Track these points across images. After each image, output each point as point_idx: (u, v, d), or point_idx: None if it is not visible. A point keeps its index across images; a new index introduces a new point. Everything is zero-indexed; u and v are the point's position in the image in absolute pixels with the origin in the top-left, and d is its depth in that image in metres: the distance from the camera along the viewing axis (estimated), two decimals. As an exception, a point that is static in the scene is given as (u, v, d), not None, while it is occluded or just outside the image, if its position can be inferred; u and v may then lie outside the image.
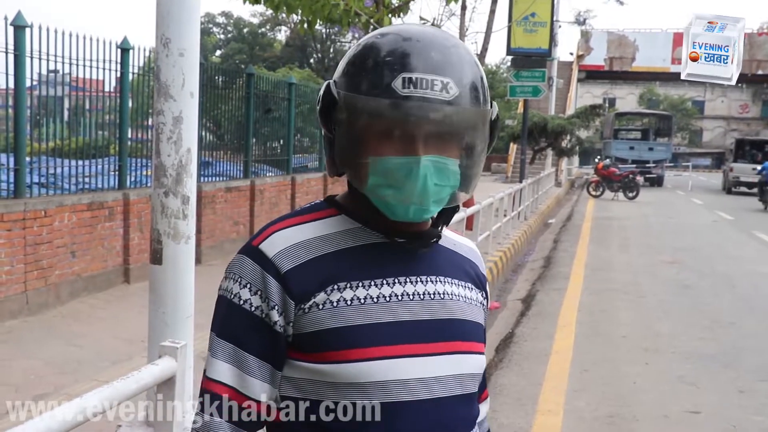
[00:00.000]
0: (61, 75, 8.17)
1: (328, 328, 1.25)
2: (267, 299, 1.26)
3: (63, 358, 5.81)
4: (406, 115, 1.21)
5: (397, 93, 1.21)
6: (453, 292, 1.36)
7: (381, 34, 1.30)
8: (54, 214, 7.19)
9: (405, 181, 1.23)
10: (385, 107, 1.21)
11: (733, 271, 11.78)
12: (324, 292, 1.26)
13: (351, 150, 1.27)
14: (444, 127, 1.23)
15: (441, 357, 1.31)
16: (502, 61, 53.04)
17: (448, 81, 1.23)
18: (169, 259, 3.00)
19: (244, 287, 1.28)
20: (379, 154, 1.24)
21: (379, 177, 1.24)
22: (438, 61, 1.24)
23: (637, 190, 26.73)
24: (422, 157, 1.22)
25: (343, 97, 1.27)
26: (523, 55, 21.85)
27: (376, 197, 1.26)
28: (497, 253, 11.33)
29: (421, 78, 1.22)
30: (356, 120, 1.25)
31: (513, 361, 6.58)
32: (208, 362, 1.31)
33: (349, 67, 1.29)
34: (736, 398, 5.82)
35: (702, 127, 70.01)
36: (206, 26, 59.18)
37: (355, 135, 1.26)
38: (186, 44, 2.95)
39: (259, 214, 11.21)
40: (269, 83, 13.14)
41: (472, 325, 1.39)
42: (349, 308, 1.26)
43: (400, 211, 1.26)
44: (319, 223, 1.33)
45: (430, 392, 1.28)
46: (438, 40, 1.27)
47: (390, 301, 1.28)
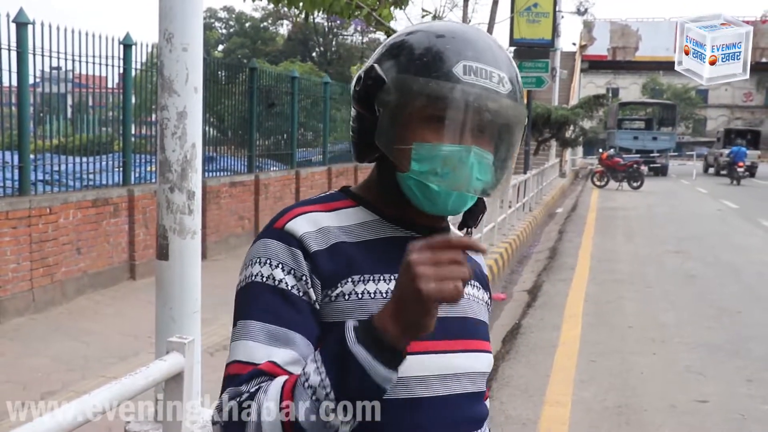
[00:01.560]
0: (64, 72, 8.16)
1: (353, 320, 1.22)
2: (303, 277, 1.21)
3: (70, 355, 5.82)
4: (466, 101, 1.20)
5: (457, 77, 1.20)
6: (467, 290, 1.35)
7: (431, 26, 1.30)
8: (59, 211, 7.20)
9: (453, 170, 1.21)
10: (445, 90, 1.20)
11: (739, 260, 11.75)
12: (351, 282, 1.23)
13: (397, 133, 1.24)
14: (499, 119, 1.23)
15: (457, 354, 1.30)
16: (505, 52, 52.82)
17: (503, 75, 1.24)
18: (175, 254, 2.99)
19: (276, 267, 1.21)
20: (426, 139, 1.22)
21: (425, 163, 1.22)
22: (492, 55, 1.25)
23: (642, 179, 26.67)
24: (473, 147, 1.22)
25: (395, 79, 1.24)
26: (526, 45, 21.79)
27: (417, 184, 1.23)
28: (502, 244, 11.32)
29: (481, 68, 1.22)
30: (409, 102, 1.22)
31: (520, 352, 6.58)
32: (238, 347, 1.19)
33: (401, 50, 1.26)
34: (743, 387, 5.81)
35: (706, 116, 69.84)
36: (208, 21, 59.10)
37: (406, 117, 1.23)
38: (189, 39, 2.93)
39: (263, 209, 11.21)
40: (272, 77, 13.13)
41: (481, 323, 1.39)
42: (373, 301, 1.22)
43: (441, 201, 1.24)
44: (338, 213, 1.30)
45: (447, 389, 1.27)
46: (486, 37, 1.29)
47: None
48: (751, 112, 69.20)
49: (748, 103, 69.09)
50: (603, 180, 27.39)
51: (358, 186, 1.37)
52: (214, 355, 5.57)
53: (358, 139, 1.31)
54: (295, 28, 55.17)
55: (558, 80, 31.95)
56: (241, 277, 1.26)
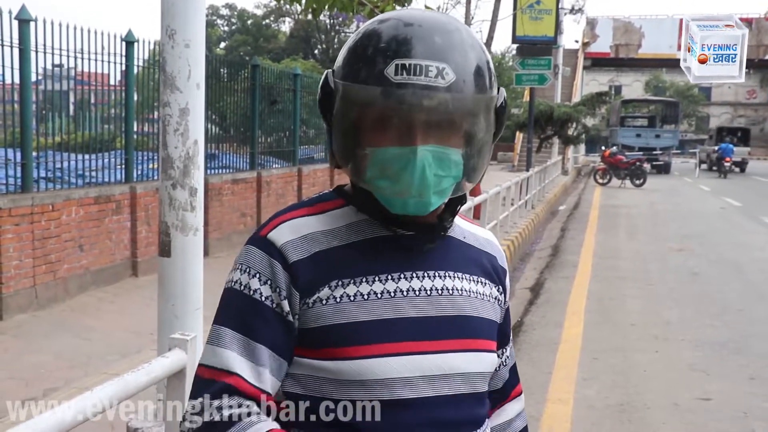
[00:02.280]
0: (66, 69, 8.16)
1: (331, 324, 1.22)
2: (278, 288, 1.23)
3: (72, 352, 5.82)
4: (399, 103, 1.16)
5: (389, 80, 1.16)
6: (462, 287, 1.32)
7: (381, 20, 1.25)
8: (61, 208, 7.20)
9: (402, 173, 1.18)
10: (376, 95, 1.17)
11: (742, 258, 11.73)
12: (328, 287, 1.23)
13: (347, 141, 1.23)
14: (439, 114, 1.17)
15: (449, 354, 1.27)
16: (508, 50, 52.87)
17: (444, 67, 1.16)
18: (178, 251, 2.99)
19: (253, 277, 1.24)
20: (375, 144, 1.20)
21: (376, 169, 1.20)
22: (436, 46, 1.18)
23: (644, 177, 26.63)
24: (419, 146, 1.17)
25: (337, 87, 1.23)
26: (528, 43, 21.76)
27: (375, 190, 1.22)
28: (505, 242, 11.30)
29: (414, 64, 1.16)
30: (350, 110, 1.21)
31: (522, 350, 6.57)
32: (210, 352, 1.24)
33: (346, 55, 1.25)
34: (746, 385, 5.80)
35: (709, 113, 69.69)
36: (210, 18, 59.14)
37: (351, 125, 1.22)
38: (191, 35, 2.93)
39: (266, 206, 11.21)
40: (274, 75, 13.12)
41: (483, 321, 1.34)
42: (352, 304, 1.23)
43: (399, 205, 1.21)
44: (326, 216, 1.29)
45: (435, 390, 1.25)
46: (439, 25, 1.21)
47: (394, 297, 1.25)
48: (754, 110, 69.07)
49: (751, 101, 68.95)
50: (605, 177, 27.36)
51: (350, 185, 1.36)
52: (216, 352, 5.56)
53: (328, 145, 1.31)
54: (297, 25, 55.16)
55: (560, 77, 31.93)
56: (227, 278, 1.29)
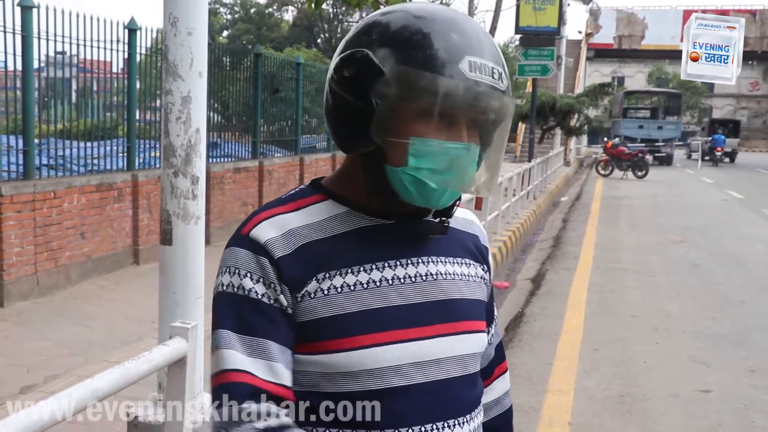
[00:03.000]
0: (69, 56, 8.14)
1: (320, 318, 1.21)
2: (272, 284, 1.22)
3: (73, 339, 5.83)
4: (474, 100, 1.18)
5: (464, 75, 1.17)
6: (448, 271, 1.32)
7: (429, 11, 1.23)
8: (63, 196, 7.20)
9: (453, 166, 1.20)
10: (453, 88, 1.16)
11: (744, 251, 11.72)
12: (315, 280, 1.22)
13: (395, 127, 1.19)
14: (500, 117, 1.23)
15: (437, 339, 1.27)
16: (511, 40, 52.75)
17: (500, 71, 1.22)
18: (179, 239, 2.99)
19: (245, 277, 1.22)
20: (425, 135, 1.19)
21: (424, 160, 1.19)
22: (491, 48, 1.22)
23: (647, 169, 26.62)
24: (472, 144, 1.21)
25: (397, 71, 1.18)
26: (531, 33, 21.73)
27: (413, 180, 1.20)
28: (506, 232, 11.31)
29: (483, 64, 1.19)
30: (414, 97, 1.17)
31: (523, 340, 6.58)
32: (219, 356, 1.21)
33: (395, 37, 1.20)
34: (747, 377, 5.81)
35: (712, 105, 69.52)
36: (213, 7, 59.00)
37: (406, 112, 1.19)
38: (194, 23, 2.92)
39: (267, 195, 11.21)
40: (276, 63, 13.09)
41: (471, 303, 1.35)
42: (339, 296, 1.22)
43: (435, 197, 1.22)
44: (305, 211, 1.28)
45: (427, 376, 1.25)
46: (477, 26, 1.25)
47: (380, 285, 1.24)
48: (757, 102, 68.89)
49: (754, 93, 68.76)
50: (607, 169, 27.34)
51: (327, 179, 1.34)
52: (217, 341, 5.57)
53: (346, 129, 1.25)
54: (300, 14, 55.02)
55: (563, 68, 31.88)
56: (216, 283, 1.27)
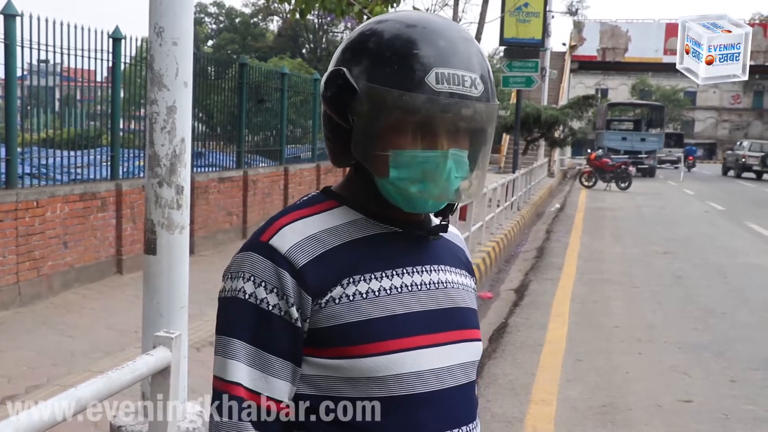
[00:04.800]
0: (52, 65, 8.12)
1: (346, 323, 1.23)
2: (285, 296, 1.22)
3: (56, 349, 5.79)
4: (442, 112, 1.19)
5: (431, 89, 1.19)
6: (453, 280, 1.36)
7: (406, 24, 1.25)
8: (46, 205, 7.16)
9: (430, 175, 1.22)
10: (420, 103, 1.19)
11: (725, 262, 11.82)
12: (340, 286, 1.23)
13: (373, 142, 1.23)
14: (474, 123, 1.24)
15: (449, 346, 1.30)
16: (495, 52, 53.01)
17: (475, 77, 1.23)
18: (164, 249, 2.98)
19: (259, 286, 1.23)
20: (402, 147, 1.22)
21: (403, 170, 1.22)
22: (465, 55, 1.23)
23: (630, 180, 26.80)
24: (449, 151, 1.22)
25: (367, 89, 1.22)
26: (516, 45, 21.85)
27: (396, 190, 1.24)
28: (490, 243, 11.34)
29: (452, 74, 1.21)
30: (384, 114, 1.21)
31: (506, 351, 6.60)
32: (222, 364, 1.24)
33: (368, 54, 1.24)
34: (727, 388, 5.85)
35: (694, 117, 70.16)
36: (198, 16, 58.93)
37: (380, 127, 1.22)
38: (179, 33, 2.93)
39: (252, 205, 11.19)
40: (262, 73, 13.10)
41: (472, 312, 1.39)
42: (365, 301, 1.24)
43: (420, 204, 1.26)
44: (323, 216, 1.29)
45: (441, 383, 1.27)
46: (460, 32, 1.27)
47: (402, 292, 1.27)
48: (738, 114, 69.60)
49: (735, 106, 69.47)
50: (591, 180, 27.49)
51: (338, 185, 1.36)
52: (200, 350, 5.55)
53: (334, 144, 1.30)
54: (285, 24, 55.07)
55: (548, 80, 32.06)
56: (226, 286, 1.27)
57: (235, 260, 1.28)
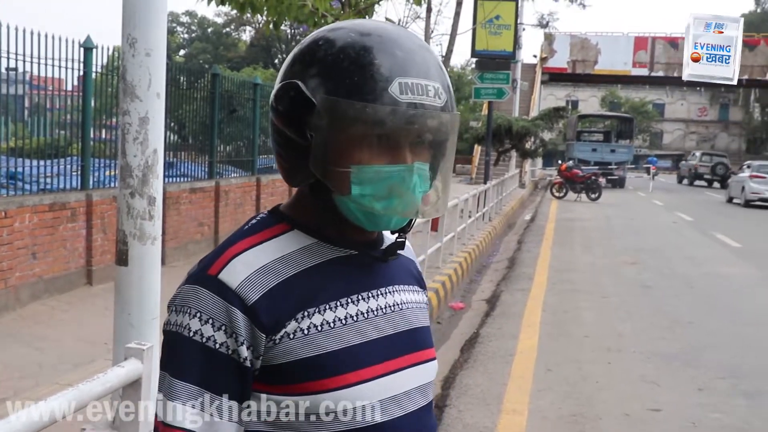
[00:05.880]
0: (22, 73, 8.04)
1: (302, 358, 1.17)
2: (234, 334, 1.15)
3: (23, 361, 5.72)
4: (407, 124, 1.15)
5: (395, 99, 1.14)
6: (407, 300, 1.32)
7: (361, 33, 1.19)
8: (14, 215, 7.08)
9: (396, 191, 1.17)
10: (384, 115, 1.13)
11: (693, 272, 11.98)
12: (294, 320, 1.17)
13: (334, 158, 1.16)
14: (439, 135, 1.20)
15: (407, 370, 1.26)
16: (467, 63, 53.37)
17: (437, 86, 1.18)
18: (135, 260, 2.97)
19: (206, 323, 1.15)
20: (365, 162, 1.16)
21: (366, 186, 1.16)
22: (425, 64, 1.18)
23: (600, 191, 27.07)
24: (414, 164, 1.18)
25: (326, 102, 1.15)
26: (487, 57, 22.03)
27: (359, 207, 1.18)
28: (462, 254, 11.39)
29: (416, 83, 1.16)
30: (346, 127, 1.15)
31: (478, 361, 6.63)
32: (164, 407, 1.17)
33: (325, 65, 1.17)
34: (695, 396, 5.93)
35: (662, 129, 71.11)
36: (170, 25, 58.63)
37: (341, 142, 1.16)
38: (152, 44, 2.93)
39: (224, 215, 11.15)
40: (234, 84, 13.08)
41: (426, 330, 1.34)
42: (320, 334, 1.18)
43: (384, 222, 1.21)
44: (274, 242, 1.22)
45: (401, 408, 1.24)
46: (413, 41, 1.21)
47: (357, 320, 1.22)
48: (705, 127, 70.66)
49: (702, 118, 70.52)
50: (562, 191, 27.71)
51: (287, 205, 1.29)
52: (171, 362, 5.51)
53: (287, 162, 1.23)
54: (258, 34, 55.01)
55: (519, 92, 32.34)
56: (171, 318, 1.21)
57: (181, 292, 1.21)
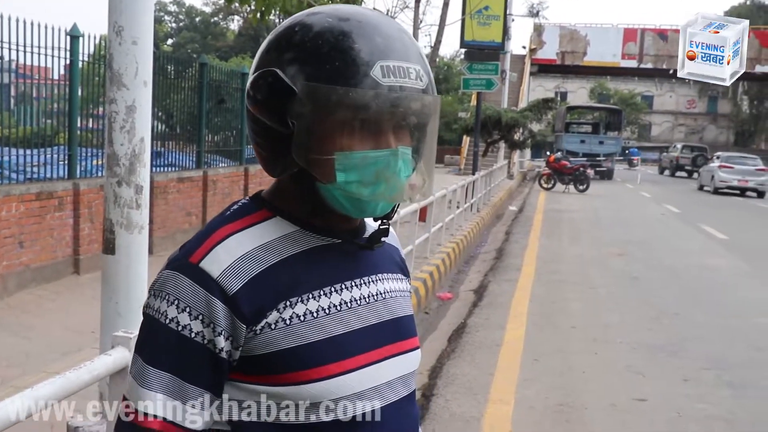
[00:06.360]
0: (7, 62, 7.99)
1: (283, 349, 1.15)
2: (212, 324, 1.13)
3: (10, 351, 5.70)
4: (392, 107, 1.13)
5: (378, 83, 1.12)
6: (391, 288, 1.31)
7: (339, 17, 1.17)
8: (1, 204, 7.05)
9: (382, 176, 1.15)
10: (368, 99, 1.12)
11: (679, 264, 12.05)
12: (276, 311, 1.15)
13: (318, 145, 1.15)
14: (422, 117, 1.19)
15: (390, 360, 1.25)
16: (456, 54, 53.34)
17: (419, 68, 1.17)
18: (122, 249, 2.97)
19: (183, 311, 1.13)
20: (349, 148, 1.15)
21: (352, 173, 1.15)
22: (404, 47, 1.17)
23: (588, 183, 27.14)
24: (399, 148, 1.16)
25: (307, 89, 1.13)
26: (476, 48, 22.04)
27: (345, 195, 1.16)
28: (450, 244, 11.42)
29: (398, 66, 1.15)
30: (329, 113, 1.13)
31: (465, 351, 6.65)
32: (136, 391, 1.16)
33: (304, 51, 1.15)
34: (680, 387, 5.97)
35: (651, 121, 71.40)
36: (158, 14, 58.34)
37: (325, 128, 1.14)
38: (139, 32, 2.92)
39: (212, 205, 11.12)
40: (222, 73, 13.03)
41: (410, 319, 1.33)
42: (303, 324, 1.16)
43: (371, 209, 1.20)
44: (256, 229, 1.20)
45: (383, 399, 1.23)
46: (391, 24, 1.20)
47: (341, 310, 1.21)
48: (694, 119, 70.98)
49: (691, 110, 70.81)
50: (550, 182, 27.77)
51: (269, 192, 1.27)
52: (159, 352, 5.51)
53: (266, 151, 1.21)
54: (246, 23, 54.77)
55: (507, 83, 32.37)
56: (149, 302, 1.18)
57: (161, 277, 1.18)
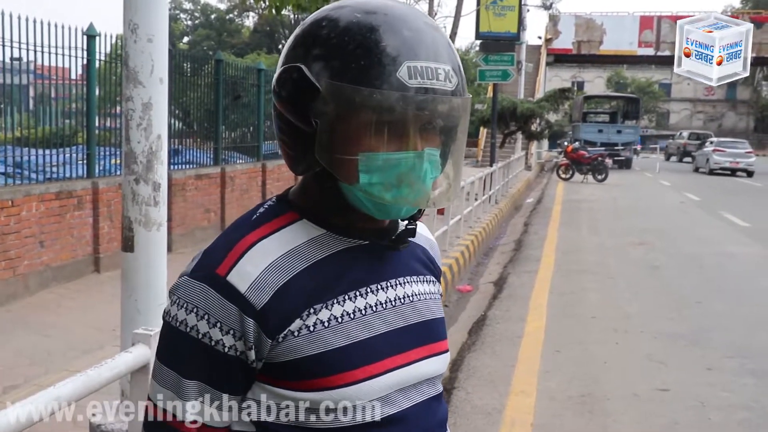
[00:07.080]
0: (26, 63, 8.04)
1: (307, 356, 1.14)
2: (243, 339, 1.13)
3: (33, 349, 5.75)
4: (417, 110, 1.10)
5: (404, 85, 1.09)
6: (419, 291, 1.28)
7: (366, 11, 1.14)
8: (21, 204, 7.10)
9: (406, 179, 1.12)
10: (393, 101, 1.08)
11: (700, 252, 11.94)
12: (300, 318, 1.14)
13: (340, 145, 1.12)
14: (450, 120, 1.15)
15: (417, 364, 1.24)
16: (471, 45, 53.17)
17: (448, 69, 1.13)
18: (141, 246, 2.98)
19: (213, 326, 1.13)
20: (373, 149, 1.11)
21: (375, 175, 1.12)
22: (435, 46, 1.13)
23: (606, 172, 26.97)
24: (425, 151, 1.13)
25: (331, 88, 1.10)
26: (492, 39, 21.95)
27: (368, 197, 1.13)
28: (468, 236, 11.39)
29: (425, 67, 1.11)
30: (352, 114, 1.10)
31: (486, 343, 6.64)
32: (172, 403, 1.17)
33: (329, 48, 1.12)
34: (703, 376, 5.93)
35: (669, 109, 70.85)
36: (173, 12, 58.58)
37: (348, 129, 1.11)
38: (154, 30, 2.93)
39: (230, 201, 11.16)
40: (238, 69, 13.05)
41: (439, 322, 1.31)
42: (326, 330, 1.15)
43: (395, 211, 1.17)
44: (283, 234, 1.19)
45: (409, 400, 1.22)
46: (421, 20, 1.16)
47: (366, 314, 1.19)
48: (712, 106, 70.34)
49: (709, 97, 70.17)
50: (568, 173, 27.62)
51: (295, 192, 1.25)
52: (180, 348, 5.53)
53: (292, 150, 1.18)
54: (261, 20, 54.88)
55: (524, 73, 32.26)
56: (172, 311, 1.17)
57: (186, 285, 1.16)
